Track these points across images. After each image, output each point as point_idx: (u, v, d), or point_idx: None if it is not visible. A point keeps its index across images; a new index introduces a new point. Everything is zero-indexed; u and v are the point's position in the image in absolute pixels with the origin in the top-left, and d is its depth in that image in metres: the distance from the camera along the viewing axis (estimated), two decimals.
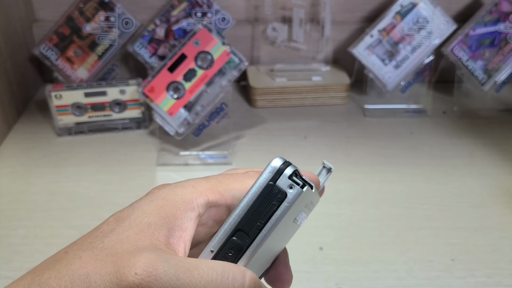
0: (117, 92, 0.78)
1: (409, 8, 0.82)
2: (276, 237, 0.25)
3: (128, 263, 0.22)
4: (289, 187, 0.23)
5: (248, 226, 0.24)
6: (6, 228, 0.61)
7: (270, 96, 0.87)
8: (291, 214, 0.25)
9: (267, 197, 0.24)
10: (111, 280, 0.22)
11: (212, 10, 0.82)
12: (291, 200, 0.23)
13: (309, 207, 0.29)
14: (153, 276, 0.21)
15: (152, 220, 0.25)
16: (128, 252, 0.23)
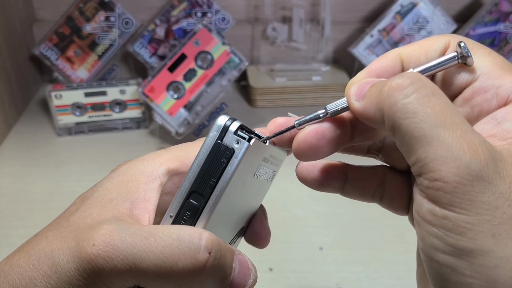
0: (117, 92, 0.78)
1: (409, 8, 0.82)
2: (236, 194, 0.25)
3: (87, 236, 0.22)
4: (236, 142, 0.23)
5: (201, 186, 0.24)
6: (6, 228, 0.61)
7: (270, 96, 0.87)
8: (245, 169, 0.25)
9: (216, 156, 0.24)
10: (73, 254, 0.22)
11: (212, 10, 0.82)
12: (239, 155, 0.23)
13: (272, 161, 0.28)
14: (110, 245, 0.22)
15: (114, 196, 0.26)
16: (89, 226, 0.23)
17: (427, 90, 0.20)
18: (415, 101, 0.19)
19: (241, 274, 0.24)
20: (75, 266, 0.22)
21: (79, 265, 0.22)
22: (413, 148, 0.20)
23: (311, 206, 0.65)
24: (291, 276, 0.54)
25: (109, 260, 0.22)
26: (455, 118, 0.19)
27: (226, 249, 0.24)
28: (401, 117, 0.20)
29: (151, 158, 0.29)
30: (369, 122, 0.22)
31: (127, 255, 0.22)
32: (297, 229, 0.61)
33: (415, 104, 0.19)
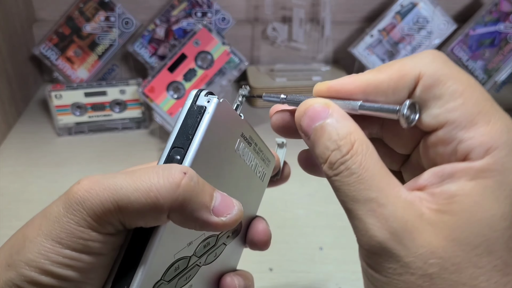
0: (117, 92, 0.78)
1: (409, 8, 0.82)
2: (216, 155, 0.28)
3: (74, 184, 0.24)
4: (207, 101, 0.27)
5: (181, 141, 0.26)
6: (6, 228, 0.61)
7: None
8: (221, 130, 0.27)
9: (192, 115, 0.27)
10: (61, 198, 0.24)
11: (212, 10, 0.82)
12: (210, 109, 0.26)
13: (254, 148, 0.31)
14: (93, 180, 0.23)
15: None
16: None
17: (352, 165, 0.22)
18: (339, 178, 0.23)
19: (223, 203, 0.25)
20: (62, 206, 0.23)
21: (66, 203, 0.23)
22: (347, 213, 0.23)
23: (311, 206, 0.65)
24: (291, 276, 0.54)
25: (92, 192, 0.23)
26: (370, 193, 0.21)
27: (203, 181, 0.25)
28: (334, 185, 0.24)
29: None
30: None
31: (108, 184, 0.23)
32: (297, 229, 0.61)
33: (341, 179, 0.23)
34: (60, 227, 0.23)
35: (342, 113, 0.23)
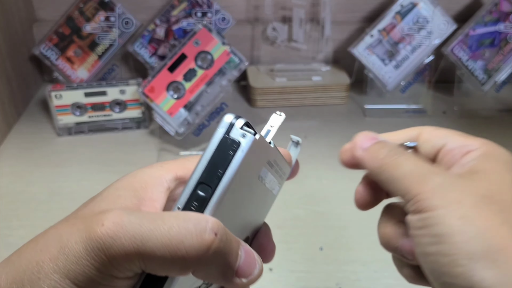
0: (117, 92, 0.78)
1: (409, 8, 0.82)
2: (242, 192, 0.26)
3: (96, 219, 0.23)
4: (242, 136, 0.25)
5: (209, 177, 0.25)
6: (6, 228, 0.61)
7: (270, 96, 0.87)
8: (250, 165, 0.26)
9: (224, 148, 0.25)
10: (81, 235, 0.23)
11: (212, 10, 0.82)
12: (245, 147, 0.24)
13: (276, 169, 0.30)
14: (118, 225, 0.22)
15: (121, 193, 0.27)
16: (98, 213, 0.24)
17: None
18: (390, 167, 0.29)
19: (247, 263, 0.25)
20: (83, 246, 0.23)
21: (87, 245, 0.22)
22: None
23: (311, 206, 0.65)
24: (291, 276, 0.54)
25: (117, 239, 0.22)
26: (423, 162, 0.28)
27: (231, 236, 0.24)
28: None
29: (159, 165, 0.29)
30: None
31: (134, 234, 0.22)
32: (297, 229, 0.61)
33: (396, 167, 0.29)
34: (79, 269, 0.22)
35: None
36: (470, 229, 0.24)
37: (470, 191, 0.25)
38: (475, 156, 0.28)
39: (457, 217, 0.24)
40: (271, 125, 0.30)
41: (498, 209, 0.25)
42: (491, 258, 0.23)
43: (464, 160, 0.28)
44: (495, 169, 0.27)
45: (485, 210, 0.25)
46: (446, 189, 0.26)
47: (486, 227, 0.24)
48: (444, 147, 0.30)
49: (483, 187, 0.26)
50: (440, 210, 0.25)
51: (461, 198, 0.25)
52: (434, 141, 0.31)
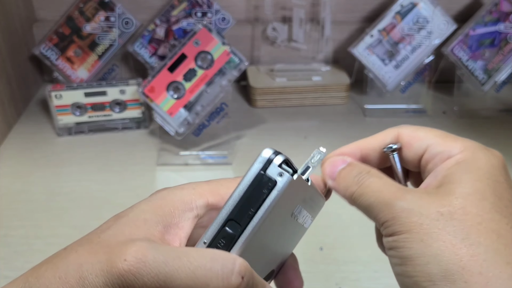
0: (117, 92, 0.78)
1: (409, 8, 0.82)
2: (272, 229, 0.25)
3: (119, 251, 0.22)
4: (279, 174, 0.24)
5: (239, 215, 0.24)
6: (6, 228, 0.61)
7: (270, 96, 0.87)
8: (285, 204, 0.25)
9: (258, 186, 0.24)
10: (102, 268, 0.22)
11: (212, 10, 0.82)
12: (280, 187, 0.23)
13: (310, 204, 0.29)
14: (142, 262, 0.21)
15: (148, 217, 0.25)
16: (121, 243, 0.23)
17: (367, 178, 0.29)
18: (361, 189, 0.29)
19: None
20: (103, 281, 0.22)
21: (108, 280, 0.22)
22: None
23: None
24: None
25: (139, 277, 0.21)
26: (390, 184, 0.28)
27: (258, 279, 0.24)
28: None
29: (192, 187, 0.28)
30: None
31: (158, 273, 0.21)
32: None
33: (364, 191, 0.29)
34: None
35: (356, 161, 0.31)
36: (429, 251, 0.24)
37: (432, 211, 0.25)
38: (450, 164, 0.28)
39: (417, 240, 0.25)
40: (311, 161, 0.28)
41: (459, 226, 0.25)
42: (450, 279, 0.24)
43: (439, 169, 0.28)
44: (466, 179, 0.26)
45: (445, 229, 0.25)
46: (409, 213, 0.26)
47: (444, 248, 0.24)
48: (426, 153, 0.30)
49: (448, 203, 0.26)
50: (403, 235, 0.25)
51: (422, 221, 0.25)
52: (415, 146, 0.30)
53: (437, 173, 0.28)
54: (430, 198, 0.26)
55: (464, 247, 0.24)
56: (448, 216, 0.25)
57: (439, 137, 0.30)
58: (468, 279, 0.23)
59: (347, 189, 0.29)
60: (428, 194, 0.27)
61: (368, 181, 0.28)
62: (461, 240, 0.24)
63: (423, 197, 0.26)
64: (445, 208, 0.25)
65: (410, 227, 0.25)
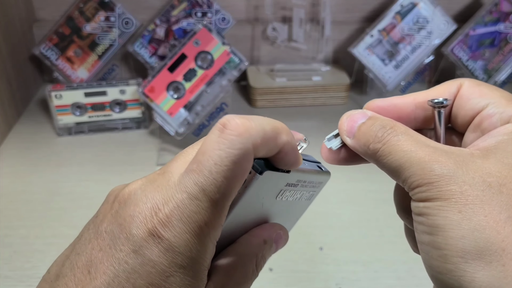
0: (117, 92, 0.78)
1: (409, 8, 0.82)
2: (252, 209, 0.27)
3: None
4: (249, 173, 0.25)
5: None
6: (6, 228, 0.61)
7: (270, 96, 0.87)
8: (259, 194, 0.26)
9: None
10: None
11: (212, 10, 0.82)
12: (249, 184, 0.25)
13: (304, 185, 0.30)
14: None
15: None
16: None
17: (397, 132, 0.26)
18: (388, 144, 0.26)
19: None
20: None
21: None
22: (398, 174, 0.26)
23: (311, 206, 0.65)
24: (291, 276, 0.54)
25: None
26: (423, 142, 0.25)
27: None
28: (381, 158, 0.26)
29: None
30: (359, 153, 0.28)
31: None
32: (297, 229, 0.61)
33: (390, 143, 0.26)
34: None
35: (376, 114, 0.28)
36: (467, 224, 0.22)
37: (477, 180, 0.23)
38: (508, 130, 0.24)
39: (456, 210, 0.22)
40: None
41: (506, 202, 0.22)
42: (486, 259, 0.21)
43: (495, 132, 0.25)
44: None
45: (490, 203, 0.22)
46: (449, 179, 0.23)
47: (486, 224, 0.22)
48: (484, 110, 0.26)
49: (497, 173, 0.23)
50: (439, 202, 0.23)
51: (464, 189, 0.22)
52: (474, 101, 0.27)
53: (491, 136, 0.25)
54: (476, 164, 0.23)
55: (509, 226, 0.21)
56: (496, 189, 0.22)
57: (504, 97, 0.26)
58: (507, 263, 0.21)
59: (370, 146, 0.26)
60: (474, 158, 0.24)
61: (395, 138, 0.25)
62: (508, 217, 0.22)
63: (467, 161, 0.23)
64: (493, 178, 0.23)
65: (448, 195, 0.22)
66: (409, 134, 0.25)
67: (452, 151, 0.24)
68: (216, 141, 0.22)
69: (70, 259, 0.24)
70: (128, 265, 0.22)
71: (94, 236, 0.24)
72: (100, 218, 0.25)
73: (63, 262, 0.25)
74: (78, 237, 0.26)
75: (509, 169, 0.23)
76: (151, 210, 0.23)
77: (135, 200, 0.24)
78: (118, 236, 0.23)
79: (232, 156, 0.22)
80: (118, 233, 0.23)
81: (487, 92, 0.27)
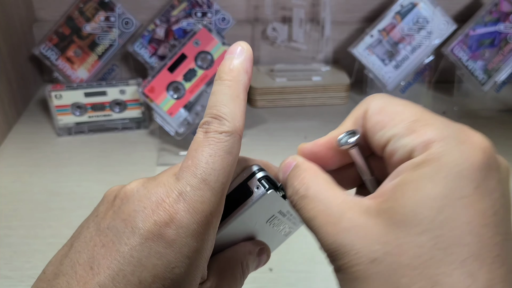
0: (117, 92, 0.78)
1: (409, 8, 0.82)
2: (245, 229, 0.29)
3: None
4: (257, 187, 0.27)
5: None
6: (6, 228, 0.61)
7: (270, 96, 0.87)
8: (258, 211, 0.28)
9: (238, 192, 0.27)
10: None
11: (212, 10, 0.82)
12: (255, 197, 0.27)
13: (288, 217, 0.31)
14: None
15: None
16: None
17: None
18: (299, 207, 0.26)
19: None
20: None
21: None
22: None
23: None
24: (291, 276, 0.54)
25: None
26: (320, 207, 0.24)
27: None
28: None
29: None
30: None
31: None
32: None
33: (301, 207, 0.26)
34: None
35: (302, 160, 0.27)
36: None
37: (364, 251, 0.21)
38: (407, 169, 0.22)
39: (351, 279, 0.22)
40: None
41: (389, 275, 0.21)
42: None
43: (396, 173, 0.23)
44: (417, 200, 0.21)
45: (375, 276, 0.21)
46: (344, 253, 0.22)
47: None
48: (388, 145, 0.24)
49: (384, 238, 0.21)
50: (340, 274, 0.23)
51: (355, 263, 0.22)
52: (378, 135, 0.25)
53: (393, 177, 0.23)
54: (367, 228, 0.22)
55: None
56: (380, 259, 0.21)
57: (407, 123, 0.24)
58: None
59: (292, 197, 0.26)
60: (367, 219, 0.22)
61: (302, 202, 0.25)
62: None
63: (359, 229, 0.22)
64: (379, 246, 0.21)
65: (345, 268, 0.22)
66: (312, 200, 0.25)
67: (349, 217, 0.23)
68: (204, 138, 0.24)
69: (69, 257, 0.24)
70: (134, 258, 0.22)
71: (95, 233, 0.24)
72: (101, 216, 0.25)
73: (61, 261, 0.25)
74: (75, 236, 0.26)
75: (394, 234, 0.21)
76: (156, 203, 0.23)
77: (138, 196, 0.24)
78: (122, 231, 0.23)
79: (224, 147, 0.24)
80: (123, 228, 0.23)
81: (389, 120, 0.24)
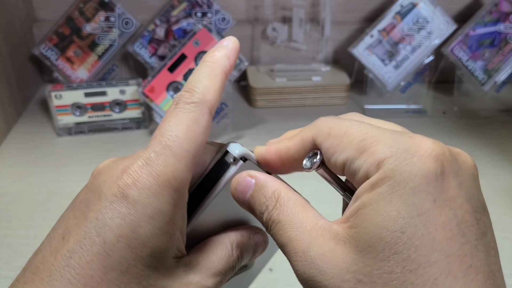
0: (117, 92, 0.78)
1: (409, 8, 0.82)
2: (228, 206, 0.29)
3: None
4: (233, 159, 0.28)
5: (196, 197, 0.28)
6: (5, 228, 0.61)
7: (270, 96, 0.87)
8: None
9: (217, 167, 0.28)
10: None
11: (212, 10, 0.82)
12: (231, 170, 0.27)
13: None
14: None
15: None
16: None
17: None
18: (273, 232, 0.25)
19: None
20: None
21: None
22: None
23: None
24: (291, 276, 0.54)
25: None
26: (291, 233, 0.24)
27: None
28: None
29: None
30: None
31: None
32: None
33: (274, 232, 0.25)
34: None
35: (264, 177, 0.26)
36: None
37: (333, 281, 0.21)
38: (364, 192, 0.22)
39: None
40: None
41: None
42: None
43: (355, 196, 0.23)
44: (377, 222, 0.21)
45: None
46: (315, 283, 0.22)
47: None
48: (345, 168, 0.24)
49: (354, 263, 0.21)
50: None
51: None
52: (333, 159, 0.24)
53: (355, 198, 0.23)
54: (336, 256, 0.22)
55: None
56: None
57: (356, 143, 0.23)
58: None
59: (261, 221, 0.26)
60: (336, 246, 0.22)
61: (281, 216, 0.24)
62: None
63: (329, 255, 0.22)
64: (349, 276, 0.21)
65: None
66: (284, 226, 0.24)
67: (319, 244, 0.22)
68: (174, 109, 0.26)
69: (47, 236, 0.26)
70: (99, 220, 0.24)
71: (70, 209, 0.26)
72: (77, 195, 0.28)
73: (42, 242, 0.26)
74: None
75: (362, 261, 0.21)
76: (122, 170, 0.25)
77: (108, 169, 0.27)
78: (91, 201, 0.25)
79: (189, 116, 0.25)
80: (91, 197, 0.26)
81: (338, 144, 0.23)
